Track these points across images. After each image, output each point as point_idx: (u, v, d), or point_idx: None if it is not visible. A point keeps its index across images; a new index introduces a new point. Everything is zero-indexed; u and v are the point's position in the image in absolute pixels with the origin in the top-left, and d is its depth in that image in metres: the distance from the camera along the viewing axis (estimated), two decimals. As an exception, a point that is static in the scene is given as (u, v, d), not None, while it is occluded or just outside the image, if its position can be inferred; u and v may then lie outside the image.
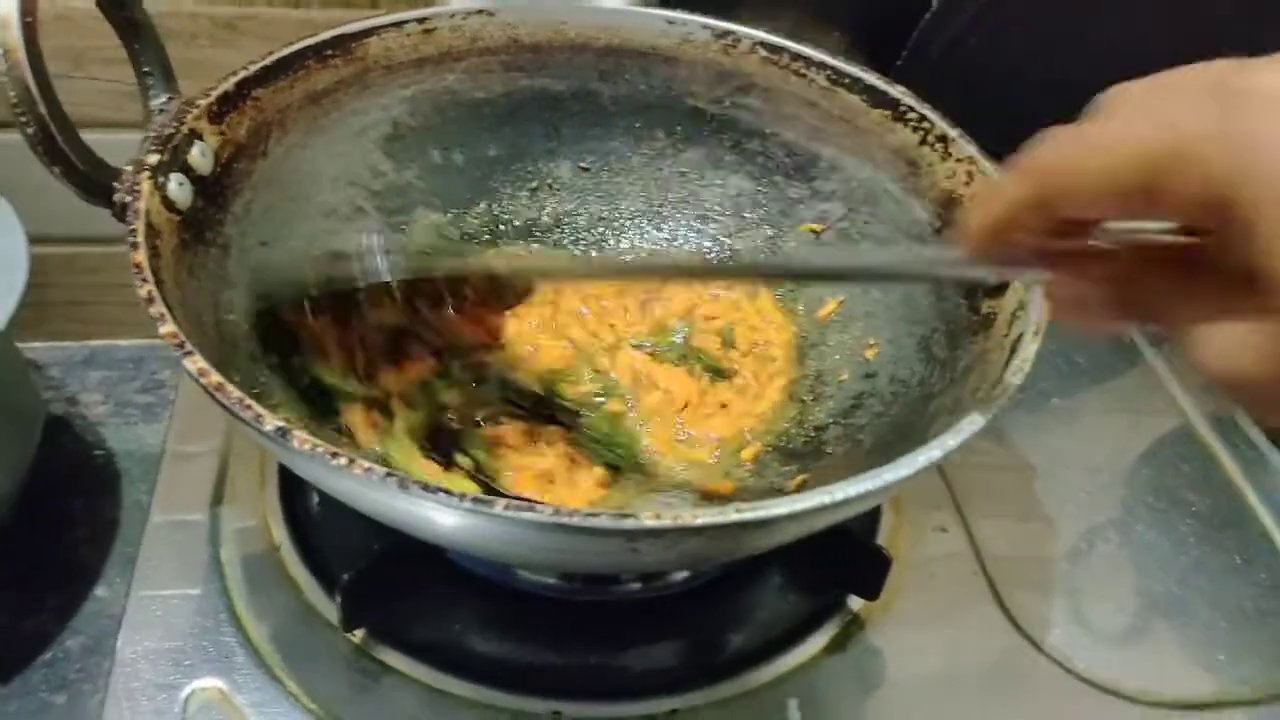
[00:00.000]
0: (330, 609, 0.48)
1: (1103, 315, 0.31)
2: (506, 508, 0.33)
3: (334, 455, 0.34)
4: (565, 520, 0.33)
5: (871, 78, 0.56)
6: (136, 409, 0.60)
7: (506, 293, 0.48)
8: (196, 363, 0.36)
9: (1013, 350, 0.42)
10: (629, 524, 0.33)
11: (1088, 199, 0.28)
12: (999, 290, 0.47)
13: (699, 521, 0.33)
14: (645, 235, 0.61)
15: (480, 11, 0.58)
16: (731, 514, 0.33)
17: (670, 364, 0.56)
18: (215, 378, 0.36)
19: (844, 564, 0.49)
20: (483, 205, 0.60)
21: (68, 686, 0.46)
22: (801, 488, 0.50)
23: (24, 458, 0.50)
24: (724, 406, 0.54)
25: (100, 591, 0.50)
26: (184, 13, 0.67)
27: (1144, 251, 0.29)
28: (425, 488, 0.33)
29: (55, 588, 0.50)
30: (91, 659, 0.47)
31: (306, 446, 0.34)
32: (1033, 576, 0.54)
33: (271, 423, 0.35)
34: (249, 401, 0.35)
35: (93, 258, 0.77)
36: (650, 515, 0.33)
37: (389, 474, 0.33)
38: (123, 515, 0.53)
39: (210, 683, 0.45)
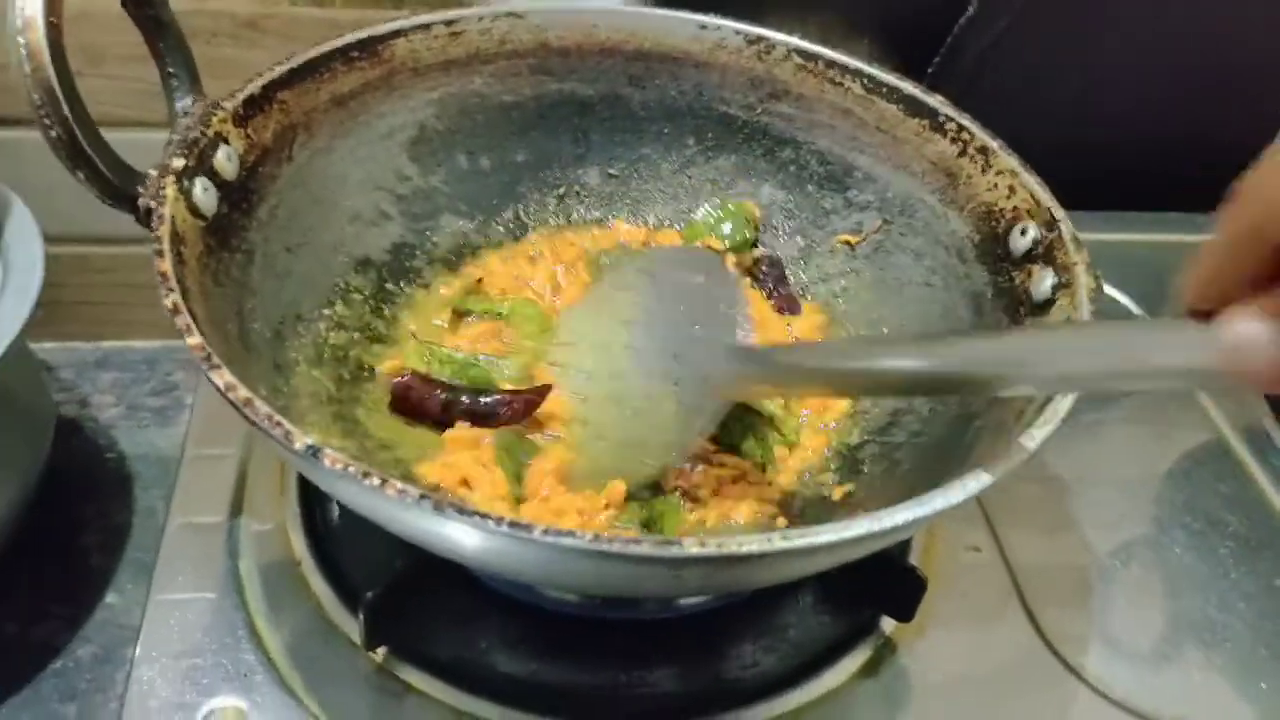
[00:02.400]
0: (351, 625, 0.47)
1: None
2: (544, 533, 0.31)
3: (366, 475, 0.33)
4: (606, 548, 0.31)
5: (909, 86, 0.55)
6: (149, 412, 0.59)
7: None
8: (224, 377, 0.35)
9: (1061, 372, 0.41)
10: (673, 551, 0.32)
11: None
12: (1044, 307, 0.46)
13: (743, 550, 0.32)
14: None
15: (509, 14, 0.57)
16: (778, 541, 0.32)
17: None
18: (243, 393, 0.35)
19: (877, 585, 0.48)
20: (509, 211, 0.59)
21: (78, 697, 0.45)
22: (846, 498, 0.49)
23: (36, 461, 0.50)
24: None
25: (111, 599, 0.49)
26: (206, 11, 0.66)
27: None
28: (460, 510, 0.32)
29: (66, 594, 0.49)
30: (103, 669, 0.46)
31: (338, 466, 0.33)
32: (1066, 596, 0.53)
33: (301, 441, 0.34)
34: (279, 418, 0.34)
35: (105, 258, 0.76)
36: (693, 543, 0.32)
37: (423, 496, 0.32)
38: (135, 520, 0.52)
39: (229, 702, 0.44)
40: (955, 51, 0.68)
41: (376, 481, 0.33)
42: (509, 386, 0.51)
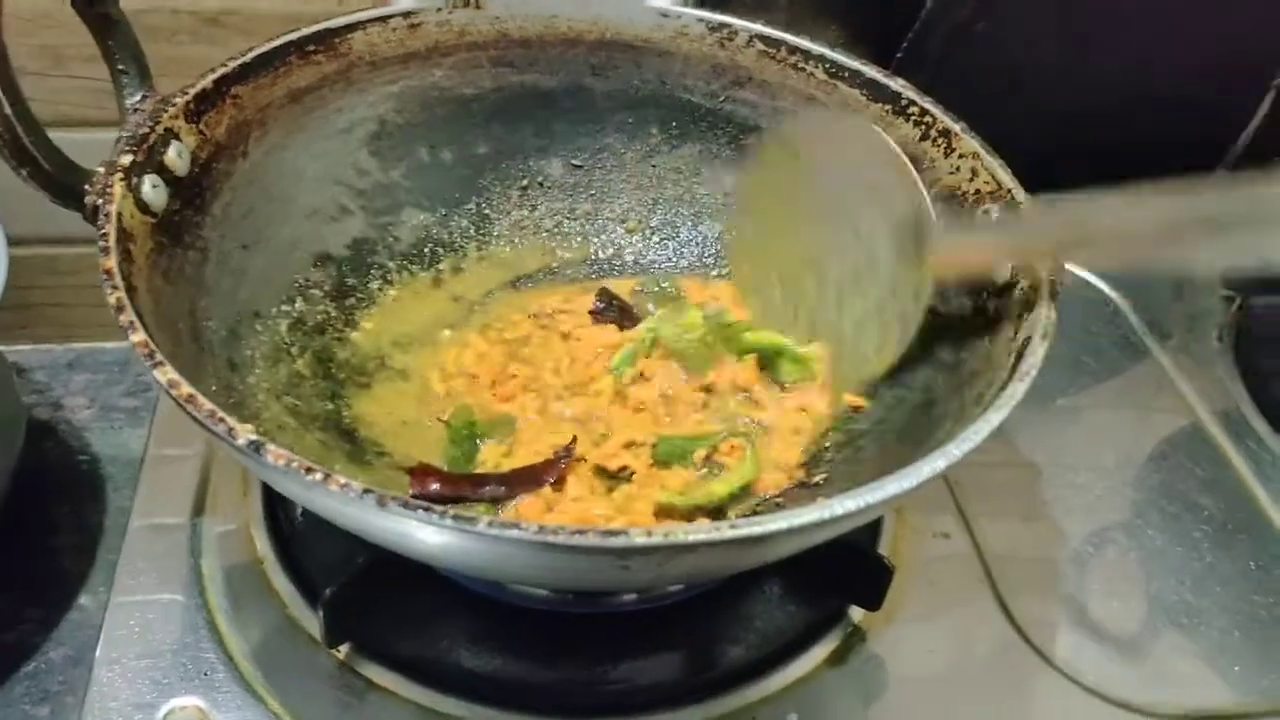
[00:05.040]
0: (314, 623, 0.46)
1: None
2: (490, 525, 0.31)
3: (309, 470, 0.32)
4: (551, 539, 0.31)
5: (871, 71, 0.54)
6: (122, 413, 0.58)
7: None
8: (166, 374, 0.35)
9: (1019, 355, 0.41)
10: (618, 541, 0.31)
11: None
12: (1005, 290, 0.45)
13: (691, 538, 0.32)
14: (639, 234, 0.60)
15: (468, 5, 0.56)
16: (726, 530, 0.32)
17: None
18: (186, 389, 0.35)
19: (845, 574, 0.48)
20: (472, 204, 0.58)
21: (50, 699, 0.45)
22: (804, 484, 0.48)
23: (7, 463, 0.49)
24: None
25: (84, 600, 0.49)
26: (166, 9, 0.65)
27: None
28: (405, 505, 0.32)
29: (38, 597, 0.49)
30: (75, 670, 0.46)
31: (280, 461, 0.33)
32: (1038, 582, 0.53)
33: (244, 436, 0.33)
34: (221, 414, 0.34)
35: (74, 258, 0.76)
36: (640, 532, 0.31)
37: (366, 490, 0.32)
38: (107, 522, 0.52)
39: (189, 701, 0.43)
40: (923, 34, 0.67)
41: (319, 476, 0.32)
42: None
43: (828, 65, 0.55)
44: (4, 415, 0.51)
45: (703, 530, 0.32)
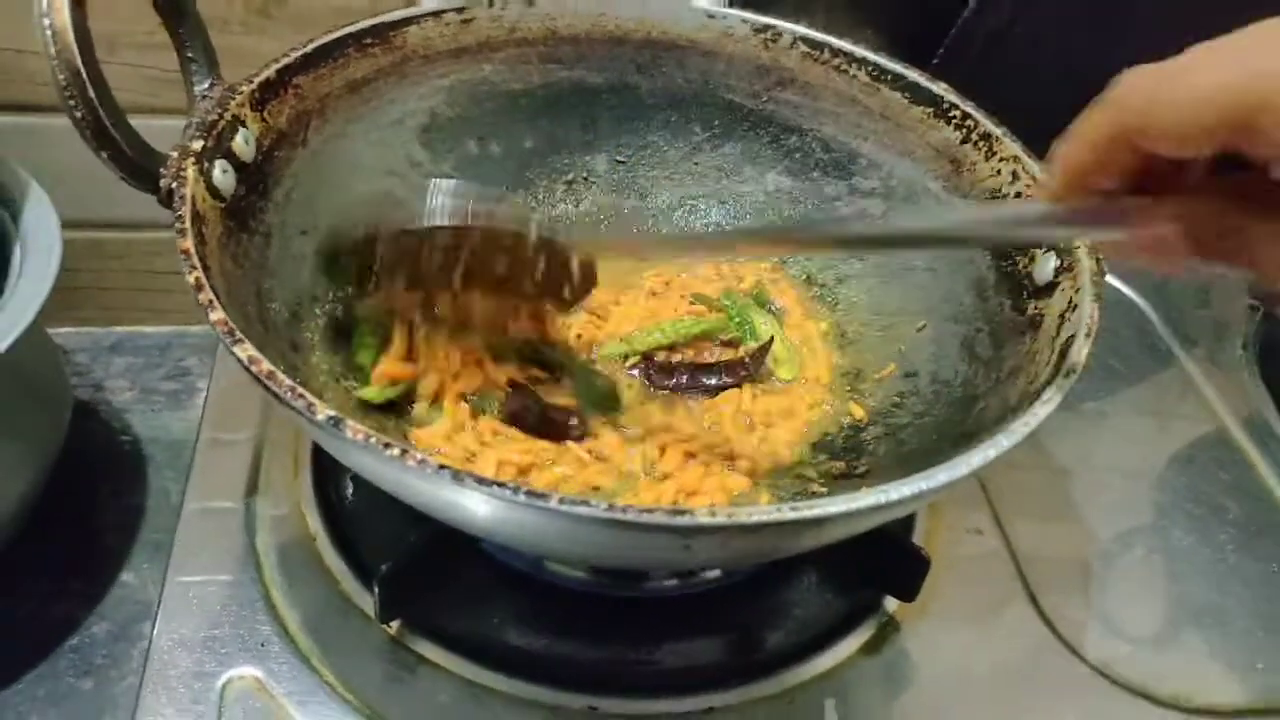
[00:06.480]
0: (366, 600, 0.47)
1: (1181, 254, 0.31)
2: (561, 502, 0.32)
3: (387, 446, 0.34)
4: (620, 516, 0.32)
5: (914, 74, 0.55)
6: (162, 396, 0.60)
7: (567, 285, 0.47)
8: (247, 350, 0.36)
9: (1063, 353, 0.42)
10: (684, 520, 0.32)
11: (1175, 132, 0.28)
12: (1047, 290, 0.46)
13: (754, 519, 0.33)
14: (680, 230, 0.61)
15: (519, 2, 0.58)
16: (787, 512, 0.33)
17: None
18: (266, 366, 0.36)
19: (881, 564, 0.49)
20: (519, 197, 0.60)
21: (94, 672, 0.46)
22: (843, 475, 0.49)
23: (54, 444, 0.50)
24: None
25: (127, 577, 0.50)
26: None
27: (1231, 190, 0.29)
28: (480, 481, 0.33)
29: (82, 573, 0.50)
30: (118, 645, 0.47)
31: (359, 436, 0.34)
32: (1068, 579, 0.54)
33: (324, 412, 0.34)
34: (301, 390, 0.35)
35: (120, 243, 0.77)
36: (705, 512, 0.32)
37: (442, 466, 0.33)
38: (149, 502, 0.53)
39: (247, 671, 0.45)
40: (962, 38, 0.68)
41: (396, 452, 0.34)
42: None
43: (870, 68, 0.56)
44: (53, 396, 0.52)
45: (764, 512, 0.33)
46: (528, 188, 0.60)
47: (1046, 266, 0.47)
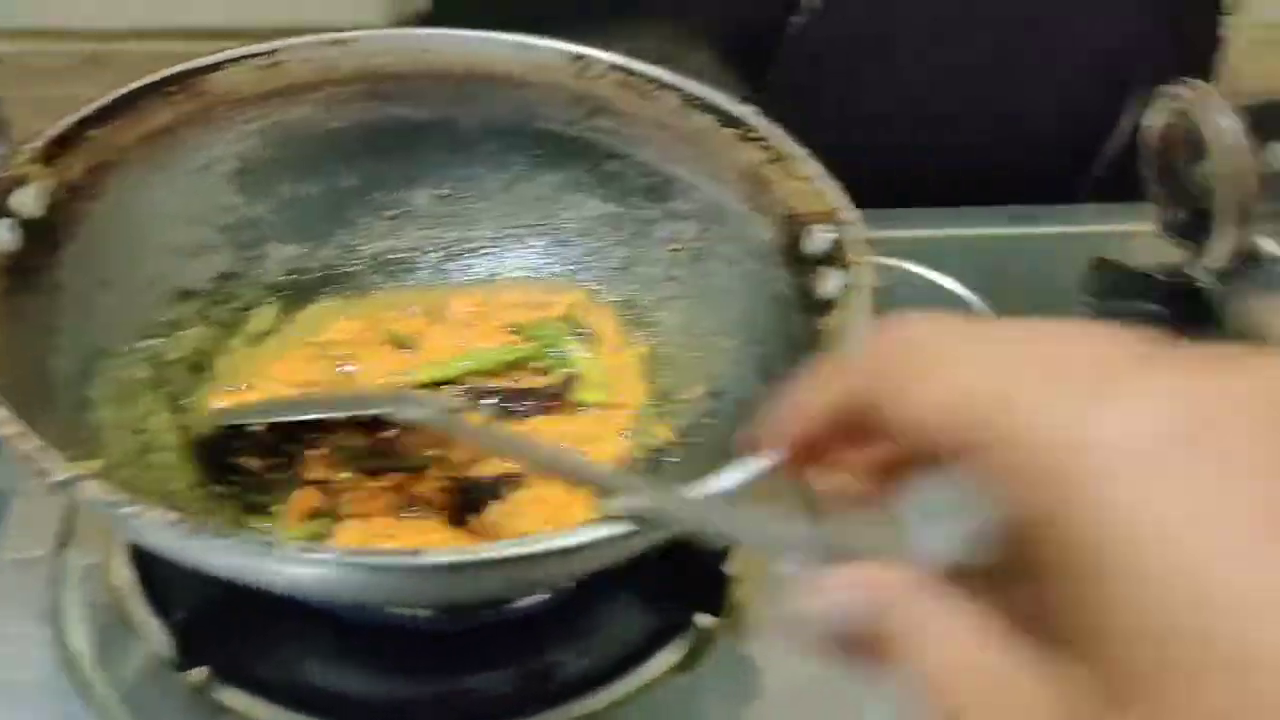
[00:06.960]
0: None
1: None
2: (275, 547, 0.33)
3: (122, 504, 0.34)
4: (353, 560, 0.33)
5: (721, 98, 0.56)
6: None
7: None
8: (-7, 412, 0.36)
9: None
10: (410, 561, 0.33)
11: (910, 432, 0.24)
12: (831, 306, 0.48)
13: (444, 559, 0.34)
14: (503, 261, 0.62)
15: (334, 41, 0.58)
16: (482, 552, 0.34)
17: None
18: (13, 428, 0.36)
19: (688, 581, 0.50)
20: (338, 236, 0.60)
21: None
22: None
23: None
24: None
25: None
26: (45, 51, 0.67)
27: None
28: (217, 532, 0.33)
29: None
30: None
31: (96, 495, 0.34)
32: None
33: (62, 473, 0.35)
34: (39, 452, 0.35)
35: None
36: (431, 552, 0.33)
37: (180, 519, 0.34)
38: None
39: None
40: (787, 62, 0.70)
41: (135, 508, 0.34)
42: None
43: (680, 94, 0.57)
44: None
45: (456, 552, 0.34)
46: (348, 227, 0.60)
47: (832, 283, 0.48)
